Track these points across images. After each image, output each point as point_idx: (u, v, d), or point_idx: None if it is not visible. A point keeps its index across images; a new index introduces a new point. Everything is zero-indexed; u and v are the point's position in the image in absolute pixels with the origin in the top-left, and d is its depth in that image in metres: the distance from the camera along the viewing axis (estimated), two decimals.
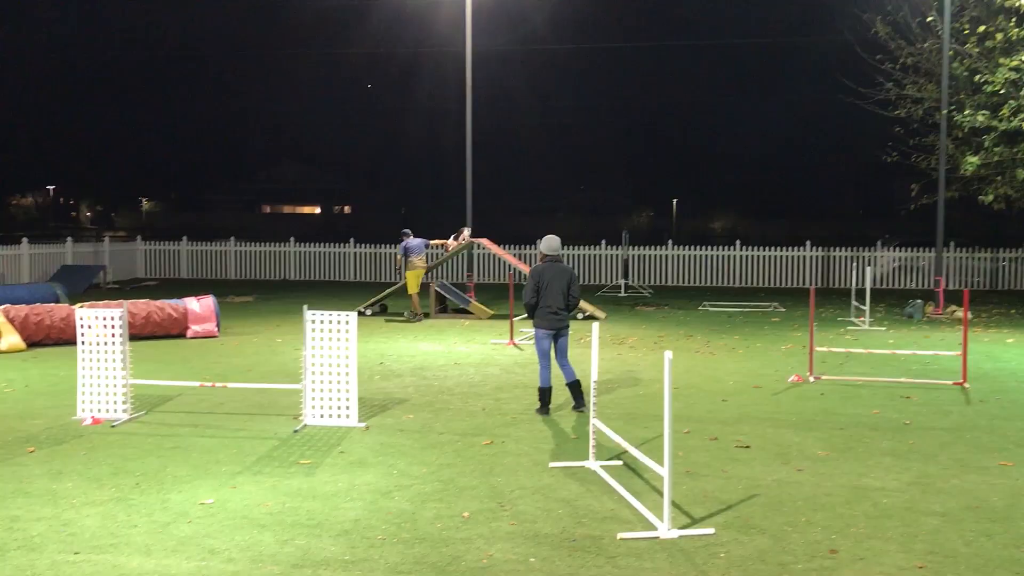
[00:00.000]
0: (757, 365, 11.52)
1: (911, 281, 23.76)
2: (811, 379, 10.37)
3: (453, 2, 22.40)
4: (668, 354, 5.32)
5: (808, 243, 24.38)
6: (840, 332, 14.82)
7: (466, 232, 17.90)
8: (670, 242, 25.35)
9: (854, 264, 19.81)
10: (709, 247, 25.20)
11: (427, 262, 16.84)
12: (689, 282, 24.74)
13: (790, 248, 24.43)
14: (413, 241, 16.46)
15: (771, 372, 10.97)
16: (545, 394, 8.64)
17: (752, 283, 24.43)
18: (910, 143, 20.23)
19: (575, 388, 8.72)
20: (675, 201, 76.60)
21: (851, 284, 17.69)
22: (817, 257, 24.33)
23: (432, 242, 17.33)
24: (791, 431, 7.96)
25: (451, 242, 17.74)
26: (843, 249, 24.19)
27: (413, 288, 16.26)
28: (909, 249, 23.96)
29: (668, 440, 5.35)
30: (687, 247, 25.05)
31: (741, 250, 24.58)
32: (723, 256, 24.74)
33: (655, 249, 25.11)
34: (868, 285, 15.62)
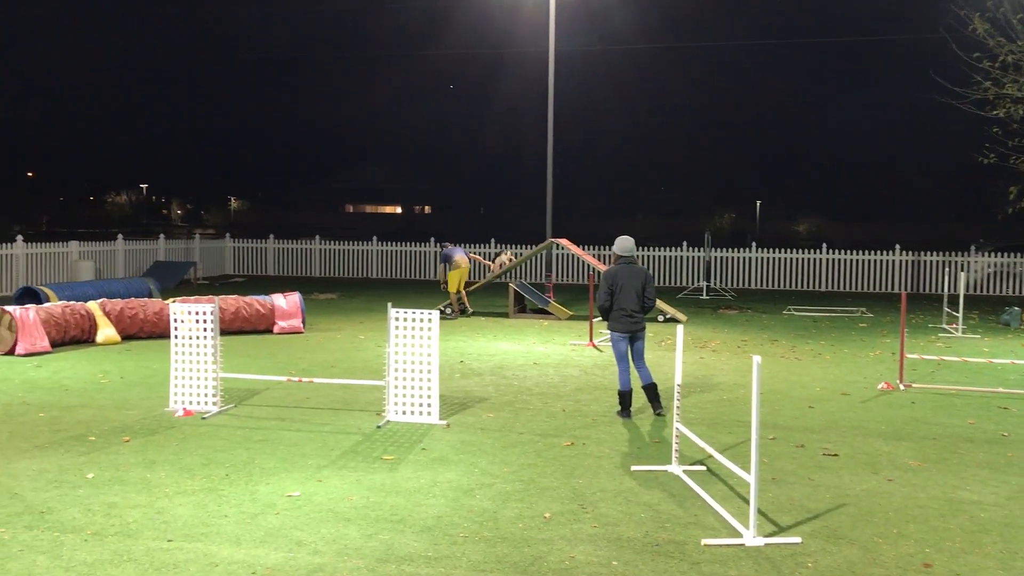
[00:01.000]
0: (844, 371, 11.23)
1: (1007, 288, 22.87)
2: (901, 387, 10.06)
3: (536, 3, 22.42)
4: (757, 359, 5.22)
5: (897, 247, 23.68)
6: (931, 339, 14.35)
7: (504, 256, 17.90)
8: (754, 244, 24.91)
9: (946, 269, 19.16)
10: (794, 250, 24.68)
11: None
12: (773, 285, 24.28)
13: (878, 252, 23.76)
14: (453, 249, 16.88)
15: (859, 379, 10.68)
16: (625, 397, 8.57)
17: (838, 287, 23.85)
18: (1009, 144, 19.46)
19: (651, 391, 8.60)
20: (758, 203, 75.21)
21: (943, 290, 17.11)
22: (907, 261, 23.60)
23: (473, 255, 17.75)
24: (881, 440, 7.73)
25: (494, 265, 17.89)
26: (934, 253, 23.41)
27: (453, 287, 16.56)
28: (1005, 254, 23.07)
29: (755, 445, 5.25)
30: (771, 249, 24.58)
31: (827, 253, 24.01)
32: (809, 259, 24.21)
33: (738, 251, 24.70)
34: (961, 291, 15.08)
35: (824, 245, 24.33)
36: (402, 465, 6.77)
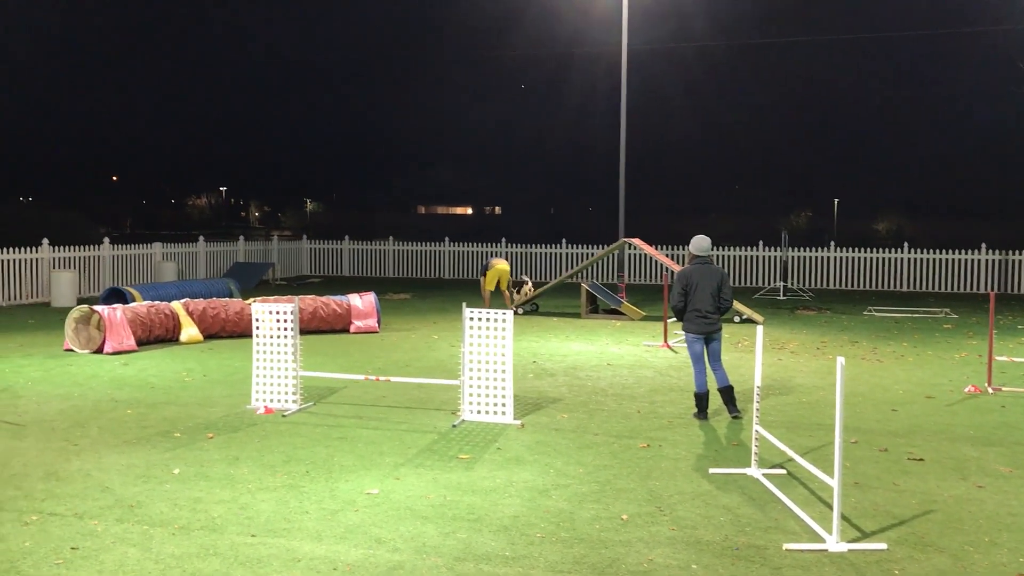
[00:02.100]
0: (929, 374, 10.90)
1: None
2: (989, 390, 9.72)
3: (608, 2, 22.32)
4: (841, 360, 5.11)
5: (983, 246, 22.90)
6: (1021, 341, 13.85)
7: (528, 286, 17.67)
8: (832, 243, 24.38)
9: None
10: (874, 249, 24.05)
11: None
12: (852, 286, 23.72)
13: (963, 251, 23.02)
14: (493, 259, 17.26)
15: (944, 382, 10.36)
16: (701, 399, 8.46)
17: (921, 287, 23.18)
18: None
19: (727, 394, 8.46)
20: (836, 201, 73.58)
21: None
22: (994, 261, 22.82)
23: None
24: (968, 445, 7.49)
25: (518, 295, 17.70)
26: (1023, 253, 22.59)
27: (489, 285, 16.84)
28: None
29: (839, 448, 5.13)
30: (850, 249, 24.01)
31: (909, 253, 23.36)
32: (889, 259, 23.58)
33: (816, 251, 24.20)
34: None
35: (905, 244, 23.67)
36: (478, 464, 6.80)
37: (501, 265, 16.98)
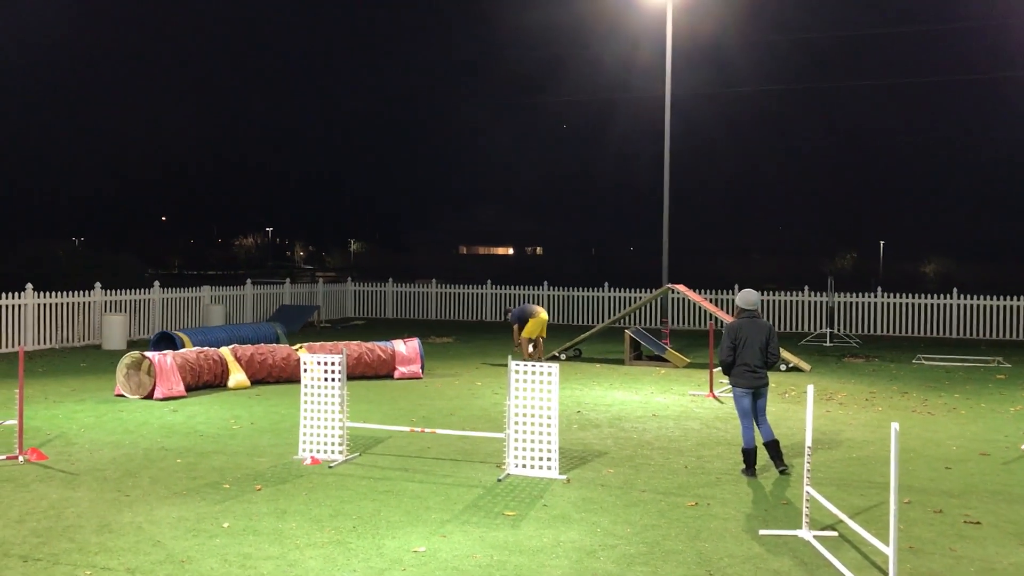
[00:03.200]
0: (982, 428, 10.67)
1: None
2: None
3: (651, 48, 22.49)
4: (895, 426, 5.03)
5: None
6: None
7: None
8: (879, 288, 24.05)
9: None
10: (923, 295, 23.67)
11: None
12: (900, 332, 23.34)
13: (1016, 297, 22.57)
14: (524, 306, 17.16)
15: (999, 437, 10.12)
16: (750, 455, 8.36)
17: (972, 334, 22.74)
18: None
19: (774, 448, 8.37)
20: (882, 243, 72.68)
21: None
22: None
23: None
24: None
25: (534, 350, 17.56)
26: None
27: (528, 332, 16.59)
28: None
29: (894, 516, 5.03)
30: (898, 294, 23.67)
31: (959, 298, 22.95)
32: (939, 305, 23.19)
33: (863, 296, 23.88)
34: None
35: (955, 290, 23.28)
36: (524, 522, 6.77)
37: (543, 315, 16.89)
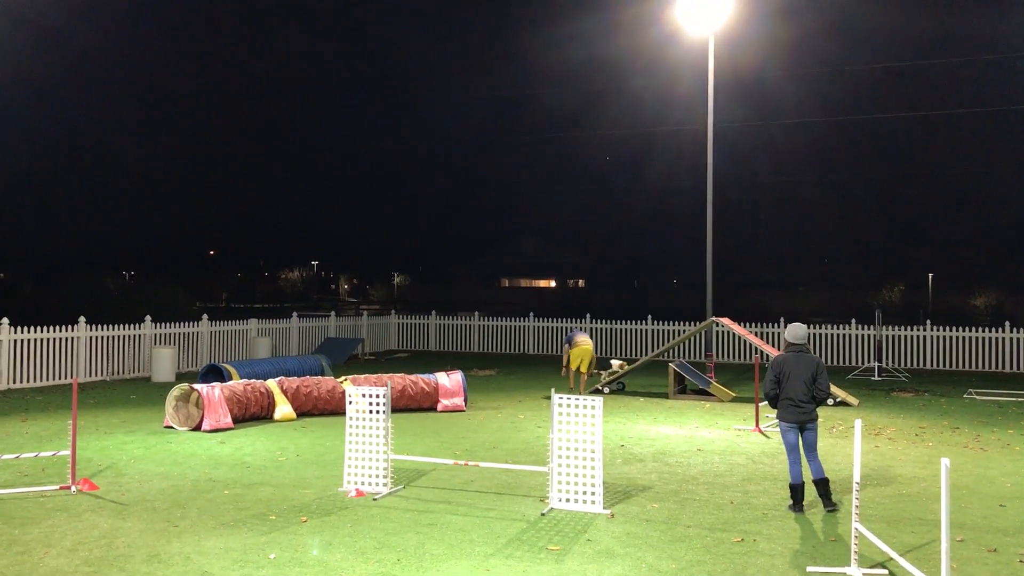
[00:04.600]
0: None
1: None
2: None
3: (695, 80, 22.52)
4: (945, 461, 4.96)
5: None
6: None
7: (614, 364, 17.65)
8: (928, 322, 23.65)
9: None
10: (973, 328, 23.22)
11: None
12: (950, 366, 22.88)
13: None
14: (576, 331, 17.38)
15: None
16: (797, 491, 8.24)
17: None
18: None
19: (823, 487, 8.22)
20: (930, 275, 71.49)
21: None
22: None
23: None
24: None
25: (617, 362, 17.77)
26: None
27: (574, 364, 16.75)
28: None
29: (946, 554, 4.94)
30: (948, 328, 23.24)
31: (1011, 332, 22.47)
32: (990, 338, 22.71)
33: (911, 329, 23.49)
34: None
35: (1007, 323, 22.80)
36: (568, 557, 6.74)
37: (586, 345, 16.90)
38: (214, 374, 15.68)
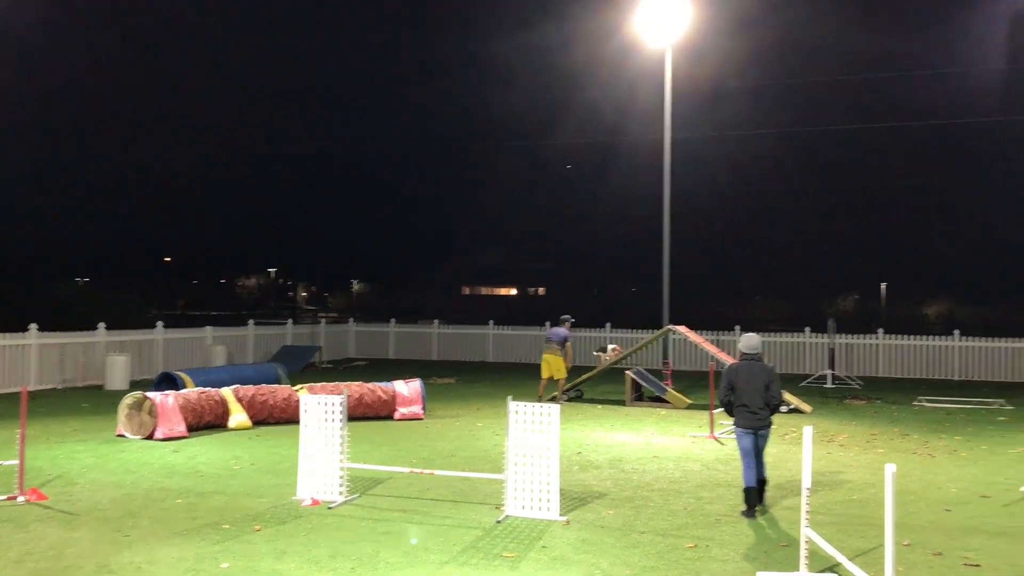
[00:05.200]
0: (983, 471, 10.65)
1: None
2: None
3: (653, 92, 22.75)
4: (890, 467, 5.07)
5: None
6: None
7: (609, 349, 17.89)
8: (880, 330, 24.08)
9: None
10: (924, 337, 23.68)
11: (559, 351, 16.85)
12: (902, 374, 23.32)
13: (1017, 339, 22.57)
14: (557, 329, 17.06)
15: (1000, 480, 10.11)
16: (750, 494, 8.39)
17: (973, 376, 22.71)
18: None
19: (760, 485, 8.52)
20: (884, 284, 72.76)
21: None
22: None
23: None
24: None
25: (605, 357, 17.96)
26: None
27: (564, 372, 16.74)
28: None
29: (890, 558, 5.04)
30: (900, 336, 23.69)
31: (960, 340, 22.96)
32: (940, 347, 23.19)
33: (864, 337, 23.90)
34: None
35: (957, 332, 23.30)
36: (523, 564, 6.77)
37: (546, 354, 16.94)
38: (168, 382, 15.47)
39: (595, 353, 18.15)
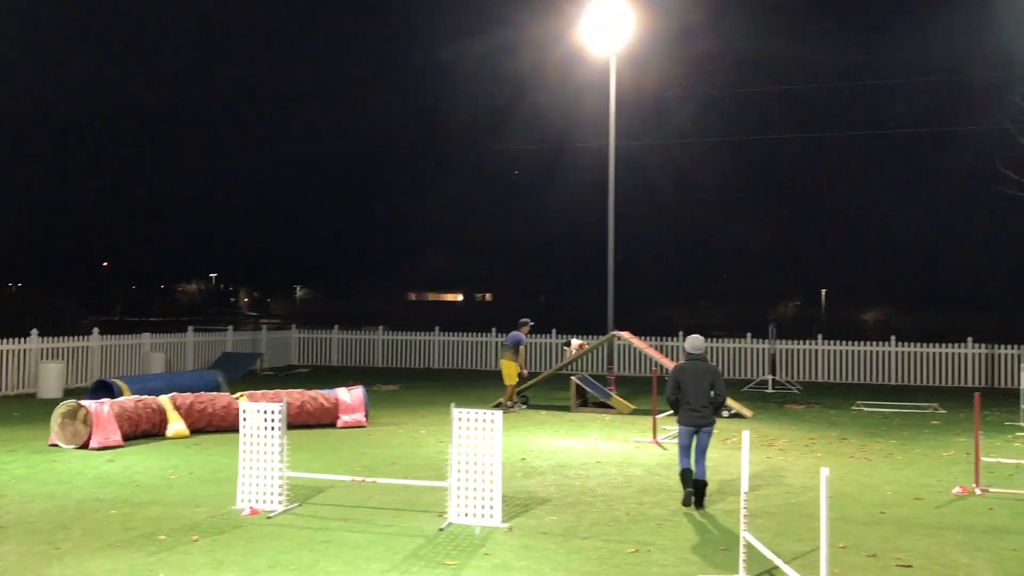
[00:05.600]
0: (917, 473, 10.90)
1: None
2: (977, 491, 9.72)
3: (599, 99, 22.91)
4: (824, 471, 5.15)
5: (970, 339, 23.09)
6: (1008, 439, 13.88)
7: (574, 343, 18.10)
8: (820, 336, 24.54)
9: (1021, 363, 18.59)
10: (862, 342, 24.19)
11: (512, 356, 16.89)
12: (841, 379, 23.78)
13: (950, 345, 23.18)
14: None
15: (932, 482, 10.35)
16: (686, 474, 8.92)
17: (909, 381, 23.25)
18: None
19: (700, 487, 8.85)
20: (823, 291, 74.21)
21: (1019, 385, 16.58)
22: (980, 355, 22.96)
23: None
24: (957, 551, 7.46)
25: (571, 350, 18.17)
26: (1009, 347, 22.73)
27: (516, 377, 16.73)
28: None
29: (825, 560, 5.12)
30: (839, 342, 24.16)
31: (897, 346, 23.50)
32: (878, 352, 23.70)
33: (804, 343, 24.33)
34: None
35: (893, 337, 23.84)
36: (465, 571, 6.73)
37: (502, 359, 16.91)
38: (104, 390, 15.11)
39: (563, 347, 18.47)
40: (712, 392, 8.89)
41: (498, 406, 16.83)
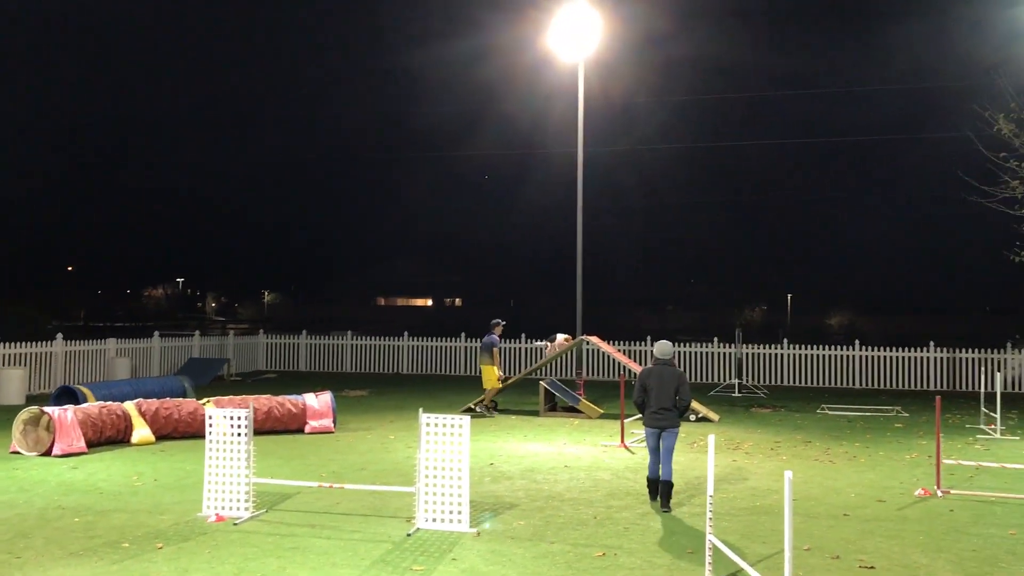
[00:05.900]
0: (880, 476, 11.05)
1: None
2: (939, 493, 9.87)
3: (566, 105, 22.99)
4: (788, 474, 5.22)
5: (932, 344, 23.44)
6: (969, 441, 14.11)
7: (559, 338, 18.20)
8: (785, 340, 24.78)
9: (982, 367, 18.90)
10: (827, 346, 24.47)
11: (488, 359, 17.12)
12: (806, 383, 24.04)
13: (913, 349, 23.51)
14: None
15: (895, 484, 10.50)
16: (652, 484, 9.22)
17: (873, 384, 23.55)
18: None
19: (666, 488, 9.04)
20: (789, 296, 74.96)
21: (979, 388, 16.87)
22: (942, 359, 23.32)
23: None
24: (919, 552, 7.58)
25: (552, 347, 18.28)
26: (970, 351, 23.11)
27: (495, 381, 16.91)
28: None
29: (789, 563, 5.19)
30: (804, 346, 24.42)
31: (861, 350, 23.80)
32: (842, 356, 23.99)
33: (770, 347, 24.57)
34: (999, 390, 14.87)
35: (857, 342, 24.14)
36: None
37: (480, 364, 17.15)
38: (68, 396, 14.93)
39: (545, 342, 18.57)
40: (676, 396, 9.11)
41: (468, 410, 16.82)
